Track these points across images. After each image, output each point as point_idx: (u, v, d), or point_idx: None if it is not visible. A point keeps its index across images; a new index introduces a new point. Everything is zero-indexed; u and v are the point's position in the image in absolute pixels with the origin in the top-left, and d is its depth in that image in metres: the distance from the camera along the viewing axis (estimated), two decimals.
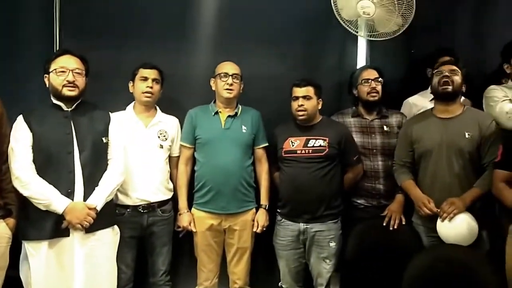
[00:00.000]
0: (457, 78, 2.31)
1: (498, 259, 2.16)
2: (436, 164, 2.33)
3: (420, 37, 2.76)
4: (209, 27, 2.87)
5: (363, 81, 2.59)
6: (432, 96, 2.59)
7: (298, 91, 2.50)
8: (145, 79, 2.51)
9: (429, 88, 2.61)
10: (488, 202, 2.27)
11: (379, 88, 2.58)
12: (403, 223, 2.47)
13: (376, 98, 2.58)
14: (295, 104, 2.50)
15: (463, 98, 2.44)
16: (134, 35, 2.80)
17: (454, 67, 2.33)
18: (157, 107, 2.62)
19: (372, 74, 2.59)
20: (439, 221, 2.27)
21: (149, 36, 2.80)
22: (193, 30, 2.86)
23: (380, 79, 2.59)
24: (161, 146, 2.54)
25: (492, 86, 2.42)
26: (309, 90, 2.49)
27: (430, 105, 2.58)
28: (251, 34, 2.84)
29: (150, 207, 2.49)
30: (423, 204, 2.31)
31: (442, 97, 2.36)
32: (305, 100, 2.48)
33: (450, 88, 2.31)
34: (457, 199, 2.24)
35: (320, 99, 2.54)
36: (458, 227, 2.22)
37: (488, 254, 2.25)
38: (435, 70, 2.37)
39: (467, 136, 2.29)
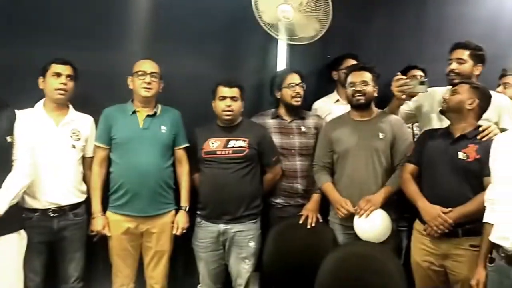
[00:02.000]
0: (369, 89, 2.44)
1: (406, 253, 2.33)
2: (353, 164, 2.45)
3: (336, 42, 2.88)
4: (129, 24, 2.78)
5: (289, 85, 2.64)
6: (337, 98, 2.85)
7: (227, 92, 2.49)
8: (58, 75, 2.37)
9: (335, 91, 2.78)
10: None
11: (302, 92, 2.66)
12: (320, 221, 2.55)
13: (299, 102, 2.66)
14: (221, 104, 2.49)
15: None
16: (45, 29, 2.62)
17: (365, 78, 2.45)
18: (70, 105, 2.49)
19: (296, 78, 2.66)
20: (356, 218, 2.37)
21: (63, 31, 2.63)
22: (112, 26, 2.73)
23: (303, 84, 2.66)
24: (74, 146, 2.42)
25: None
26: (237, 91, 2.50)
27: (335, 106, 2.73)
28: (173, 33, 2.79)
29: (61, 210, 2.36)
30: (341, 206, 2.41)
31: (356, 107, 2.49)
32: (232, 101, 2.48)
33: (362, 99, 2.44)
34: (372, 196, 2.37)
35: (243, 101, 2.56)
36: (374, 223, 2.34)
37: (396, 249, 2.38)
38: (348, 82, 2.49)
39: (380, 136, 2.43)
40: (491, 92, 2.29)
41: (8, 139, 2.14)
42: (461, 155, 2.14)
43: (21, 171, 2.17)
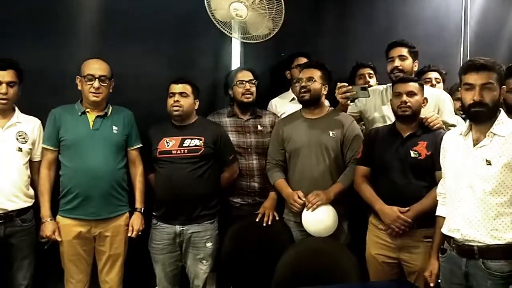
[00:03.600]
0: (315, 86, 2.46)
1: (358, 248, 2.37)
2: (305, 161, 2.48)
3: (289, 41, 2.91)
4: (78, 21, 2.69)
5: (238, 83, 2.65)
6: (292, 97, 2.85)
7: (175, 88, 2.47)
8: None
9: (290, 90, 2.81)
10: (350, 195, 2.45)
11: (253, 89, 2.66)
12: (277, 218, 2.57)
13: (250, 99, 2.66)
14: (171, 101, 2.47)
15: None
16: None
17: (312, 75, 2.47)
18: (16, 107, 2.37)
19: (247, 75, 2.66)
20: (304, 211, 2.40)
21: (5, 29, 2.52)
22: (59, 23, 2.64)
23: (254, 80, 2.66)
24: (20, 149, 2.31)
25: None
26: (186, 88, 2.48)
27: (291, 105, 2.76)
28: (124, 30, 2.73)
29: (8, 216, 2.26)
30: (294, 200, 2.42)
31: (304, 104, 2.52)
32: (181, 96, 2.46)
33: (307, 96, 2.47)
34: (322, 192, 2.40)
35: (197, 99, 2.54)
36: (320, 217, 2.36)
37: (348, 244, 2.43)
38: (296, 79, 2.50)
39: (331, 135, 2.47)
40: (428, 87, 2.39)
41: None
42: (413, 153, 2.20)
43: None
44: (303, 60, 2.88)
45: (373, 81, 2.99)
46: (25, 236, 2.33)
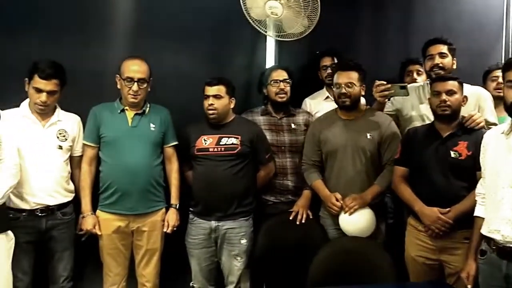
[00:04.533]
0: (354, 91, 2.43)
1: (395, 248, 2.33)
2: (341, 163, 2.46)
3: (324, 38, 2.88)
4: (118, 21, 2.76)
5: (272, 82, 2.64)
6: (326, 95, 2.84)
7: (209, 90, 2.49)
8: (39, 90, 2.28)
9: (324, 88, 2.83)
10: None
11: (287, 89, 2.65)
12: (310, 217, 2.56)
13: (284, 99, 2.65)
14: (206, 103, 2.49)
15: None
16: (32, 28, 2.59)
17: (350, 80, 2.42)
18: (57, 105, 2.44)
19: (281, 75, 2.65)
20: (341, 214, 2.39)
21: (50, 29, 2.60)
22: (100, 23, 2.72)
23: (288, 80, 2.65)
24: (60, 147, 2.39)
25: None
26: (220, 89, 2.49)
27: (325, 104, 2.76)
28: (161, 30, 2.78)
29: (49, 210, 2.34)
30: (332, 203, 2.41)
31: (343, 109, 2.49)
32: (215, 99, 2.47)
33: (348, 101, 2.44)
34: (359, 195, 2.38)
35: (233, 98, 2.55)
36: (357, 221, 2.36)
37: (384, 244, 2.40)
38: (334, 83, 2.47)
39: (368, 136, 2.44)
40: (467, 85, 2.32)
41: None
42: (453, 154, 2.16)
43: (7, 171, 2.14)
44: (328, 60, 2.84)
45: (421, 78, 2.88)
46: (66, 229, 2.41)
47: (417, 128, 2.37)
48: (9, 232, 2.17)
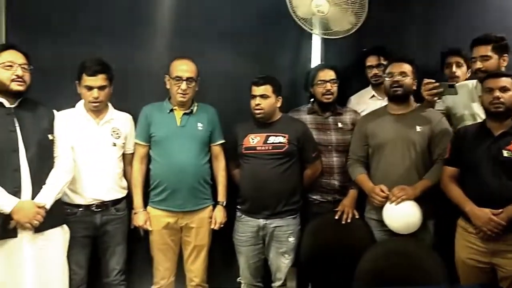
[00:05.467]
0: (407, 81, 2.39)
1: (445, 249, 2.28)
2: (389, 158, 2.42)
3: (371, 35, 2.82)
4: (164, 22, 2.82)
5: (319, 82, 2.62)
6: (372, 94, 2.78)
7: (256, 90, 2.50)
8: (90, 88, 2.38)
9: (370, 86, 2.79)
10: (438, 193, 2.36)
11: (334, 89, 2.62)
12: (356, 217, 2.54)
13: (331, 99, 2.63)
14: (253, 103, 2.51)
15: None
16: (83, 29, 2.71)
17: (404, 69, 2.39)
18: (109, 104, 2.54)
19: (328, 75, 2.62)
20: (387, 204, 2.34)
21: (101, 31, 2.71)
22: (148, 24, 2.80)
23: (335, 80, 2.62)
24: (114, 144, 2.48)
25: None
26: (267, 89, 2.49)
27: (371, 102, 2.72)
28: (207, 30, 2.82)
29: (104, 205, 2.44)
30: (376, 193, 2.37)
31: (394, 99, 2.45)
32: (262, 99, 2.49)
33: (400, 90, 2.39)
34: (408, 187, 2.33)
35: (280, 97, 2.56)
36: (403, 213, 2.30)
37: (434, 245, 2.35)
38: (387, 73, 2.44)
39: (418, 130, 2.39)
40: None
41: (50, 137, 2.22)
42: (505, 153, 2.08)
43: (63, 167, 2.25)
44: (374, 60, 2.78)
45: (461, 71, 2.74)
46: (119, 224, 2.50)
47: (467, 127, 2.31)
48: (65, 226, 2.29)
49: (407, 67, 2.40)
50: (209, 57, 2.76)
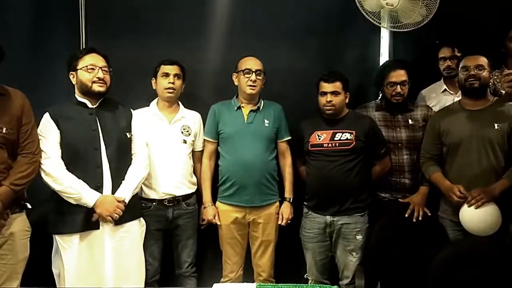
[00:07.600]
0: (484, 74, 2.29)
1: None
2: (465, 157, 2.32)
3: (442, 27, 2.70)
4: (229, 22, 2.87)
5: (389, 84, 2.53)
6: (443, 88, 2.68)
7: (326, 87, 2.47)
8: (167, 75, 2.53)
9: (442, 80, 2.68)
10: None
11: (405, 91, 2.53)
12: (429, 214, 2.47)
13: (400, 101, 2.55)
14: (323, 100, 2.48)
15: None
16: (154, 33, 2.82)
17: (481, 62, 2.29)
18: (180, 103, 2.65)
19: (400, 77, 2.51)
20: (464, 206, 2.25)
21: (170, 33, 2.82)
22: (213, 25, 2.87)
23: (407, 81, 2.52)
24: (185, 141, 2.58)
25: None
26: (337, 86, 2.46)
27: (443, 96, 2.62)
28: (272, 28, 2.85)
29: (175, 200, 2.54)
30: (453, 193, 2.29)
31: (470, 93, 2.34)
32: (333, 95, 2.46)
33: (476, 84, 2.29)
34: (487, 188, 2.23)
35: (348, 93, 2.52)
36: (482, 217, 2.22)
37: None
38: (461, 66, 2.33)
39: (496, 127, 2.27)
40: None
41: (128, 135, 2.36)
42: None
43: (140, 163, 2.38)
44: (448, 51, 2.65)
45: None
46: (190, 218, 2.60)
47: None
48: (142, 219, 2.42)
49: (483, 60, 2.29)
50: (274, 54, 2.78)
